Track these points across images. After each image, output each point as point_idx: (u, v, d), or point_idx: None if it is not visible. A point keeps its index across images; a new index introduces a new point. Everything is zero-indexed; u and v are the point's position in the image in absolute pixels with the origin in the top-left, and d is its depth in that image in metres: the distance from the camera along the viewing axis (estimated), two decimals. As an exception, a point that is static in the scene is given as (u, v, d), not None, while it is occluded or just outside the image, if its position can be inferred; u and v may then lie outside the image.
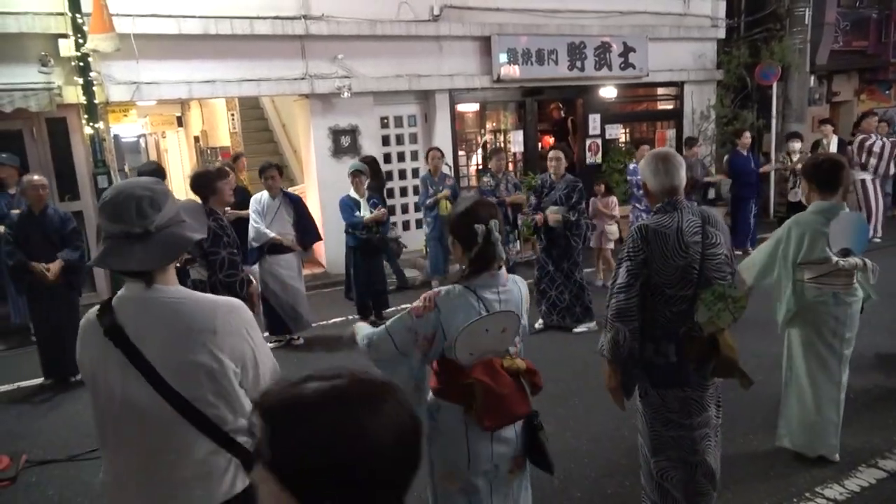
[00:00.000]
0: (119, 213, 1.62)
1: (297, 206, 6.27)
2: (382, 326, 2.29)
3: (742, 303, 2.59)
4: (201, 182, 4.31)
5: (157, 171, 6.01)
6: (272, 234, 6.00)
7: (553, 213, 6.00)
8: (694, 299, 2.61)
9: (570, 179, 6.16)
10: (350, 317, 6.76)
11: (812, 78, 12.58)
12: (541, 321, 6.35)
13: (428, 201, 7.60)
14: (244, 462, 1.71)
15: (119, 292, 1.72)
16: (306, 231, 6.30)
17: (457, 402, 2.22)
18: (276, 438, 0.85)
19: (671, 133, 11.49)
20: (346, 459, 0.83)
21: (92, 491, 3.83)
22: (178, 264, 1.84)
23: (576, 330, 6.22)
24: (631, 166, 8.41)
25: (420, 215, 8.57)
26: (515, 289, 2.32)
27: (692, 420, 2.73)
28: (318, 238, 6.59)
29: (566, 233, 6.07)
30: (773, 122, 11.12)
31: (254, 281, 4.72)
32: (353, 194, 6.56)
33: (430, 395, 2.33)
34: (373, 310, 6.74)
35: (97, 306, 1.72)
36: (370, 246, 6.56)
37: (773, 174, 11.01)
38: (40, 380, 5.53)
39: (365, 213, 6.50)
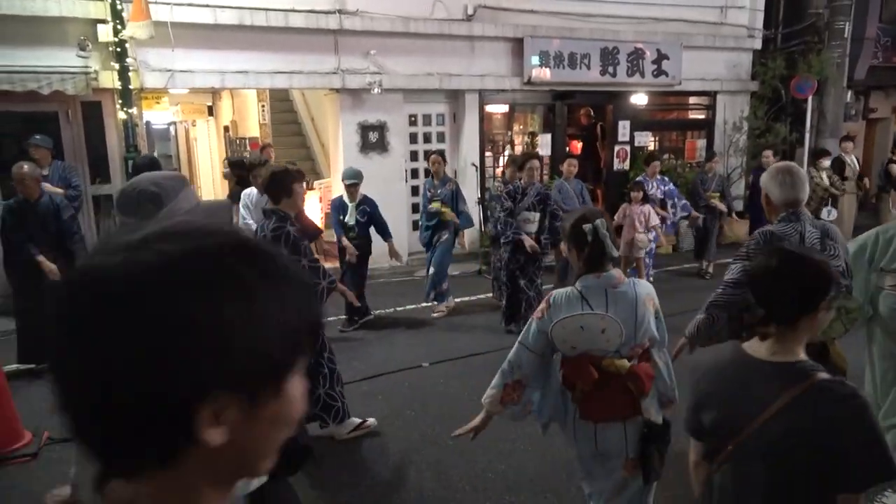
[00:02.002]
0: (127, 206, 1.65)
1: None
2: (516, 342, 2.51)
3: (854, 314, 2.70)
4: (276, 181, 3.85)
5: (153, 164, 5.86)
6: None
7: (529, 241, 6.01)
8: None
9: (539, 187, 6.25)
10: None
11: (849, 93, 12.34)
12: (510, 326, 6.24)
13: (429, 207, 7.18)
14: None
15: None
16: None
17: (567, 388, 2.45)
18: None
19: (701, 143, 11.36)
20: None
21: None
22: None
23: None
24: (640, 178, 8.22)
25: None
26: (630, 291, 2.37)
27: None
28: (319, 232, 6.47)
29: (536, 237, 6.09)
30: (807, 136, 10.92)
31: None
32: (346, 198, 6.47)
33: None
34: (347, 314, 6.48)
35: None
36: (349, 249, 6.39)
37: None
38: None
39: (350, 218, 6.39)
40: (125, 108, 7.23)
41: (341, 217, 6.45)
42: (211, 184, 14.44)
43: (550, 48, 9.46)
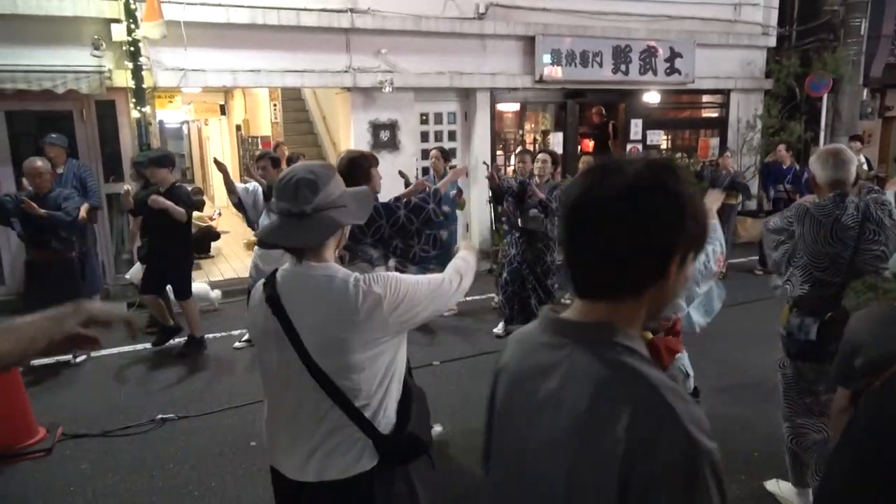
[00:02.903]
0: (286, 192, 1.76)
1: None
2: None
3: (894, 295, 2.74)
4: (356, 165, 3.72)
5: (165, 157, 5.87)
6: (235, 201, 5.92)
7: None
8: (843, 287, 2.91)
9: (552, 185, 6.02)
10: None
11: (865, 91, 12.20)
12: (501, 326, 6.18)
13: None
14: (372, 439, 1.79)
15: (284, 265, 1.87)
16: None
17: None
18: None
19: (715, 142, 11.27)
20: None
21: (123, 467, 3.91)
22: (338, 252, 1.95)
23: None
24: None
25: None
26: None
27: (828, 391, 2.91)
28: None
29: (544, 236, 5.91)
30: (822, 134, 10.81)
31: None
32: None
33: None
34: None
35: (265, 277, 1.88)
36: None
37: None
38: (67, 357, 5.66)
39: None
40: (139, 107, 7.28)
41: None
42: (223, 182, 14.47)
43: (562, 46, 9.42)
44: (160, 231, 5.67)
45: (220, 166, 5.78)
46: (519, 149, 6.16)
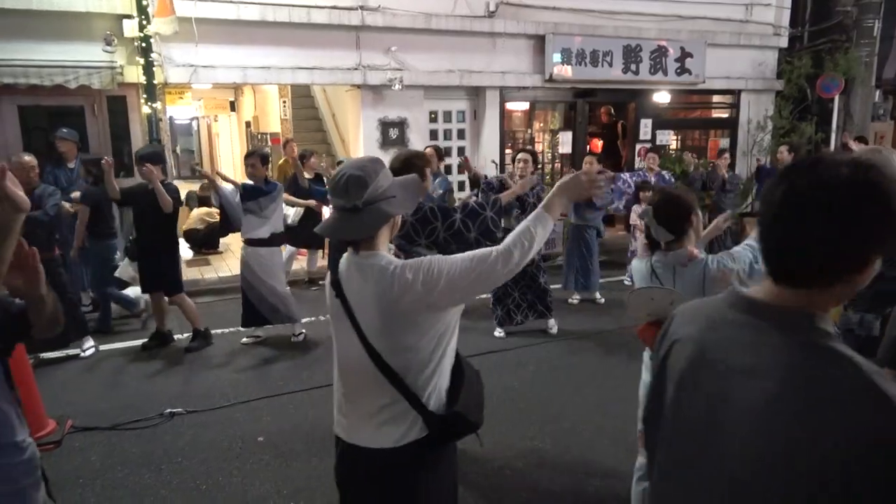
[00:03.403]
0: (337, 190, 1.89)
1: (261, 192, 5.86)
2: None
3: None
4: (410, 165, 3.73)
5: (156, 154, 5.84)
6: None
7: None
8: None
9: (534, 180, 5.97)
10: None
11: (877, 93, 12.12)
12: (499, 330, 6.12)
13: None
14: (422, 415, 1.93)
15: (345, 254, 2.03)
16: (224, 211, 5.95)
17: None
18: None
19: (725, 142, 11.22)
20: None
21: (132, 460, 3.93)
22: (392, 241, 2.12)
23: (551, 331, 6.19)
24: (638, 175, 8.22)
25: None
26: (699, 271, 2.64)
27: None
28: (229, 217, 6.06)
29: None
30: (833, 136, 10.75)
31: None
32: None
33: None
34: None
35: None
36: (337, 243, 6.35)
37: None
38: (76, 350, 5.71)
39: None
40: (149, 103, 7.31)
41: None
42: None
43: (573, 45, 9.39)
44: (149, 226, 5.66)
45: (203, 174, 5.83)
46: (520, 153, 6.07)
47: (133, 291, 6.45)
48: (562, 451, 3.97)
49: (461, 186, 9.45)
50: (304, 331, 6.18)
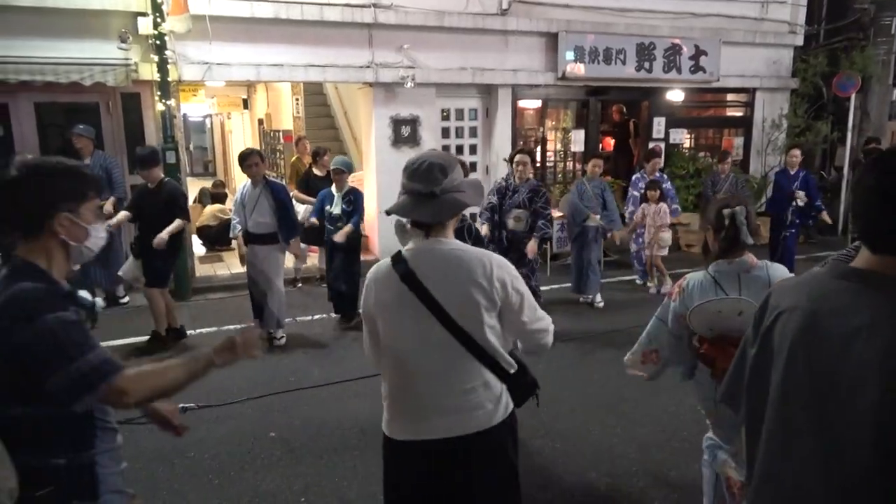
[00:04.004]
0: (418, 175, 1.99)
1: (278, 196, 5.81)
2: (654, 317, 2.74)
3: None
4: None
5: (152, 155, 5.84)
6: (238, 230, 5.86)
7: (516, 219, 5.91)
8: None
9: (533, 184, 6.04)
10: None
11: (894, 91, 11.97)
12: None
13: None
14: (506, 383, 2.08)
15: (407, 246, 2.07)
16: (283, 223, 5.82)
17: (705, 365, 2.54)
18: None
19: (739, 141, 11.13)
20: None
21: (145, 455, 3.96)
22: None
23: None
24: (636, 176, 8.10)
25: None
26: (763, 275, 2.52)
27: None
28: (296, 233, 6.03)
29: (525, 237, 5.90)
30: (849, 135, 10.64)
31: None
32: (333, 188, 6.38)
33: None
34: (341, 308, 6.48)
35: (390, 257, 2.08)
36: (333, 242, 6.26)
37: (844, 187, 10.50)
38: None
39: (336, 208, 6.27)
40: (163, 100, 7.35)
41: (327, 207, 6.30)
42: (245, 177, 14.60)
43: (585, 43, 9.35)
44: (150, 225, 5.67)
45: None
46: (518, 155, 6.02)
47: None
48: (571, 448, 3.97)
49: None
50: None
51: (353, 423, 4.35)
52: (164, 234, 5.55)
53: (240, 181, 14.89)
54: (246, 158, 5.85)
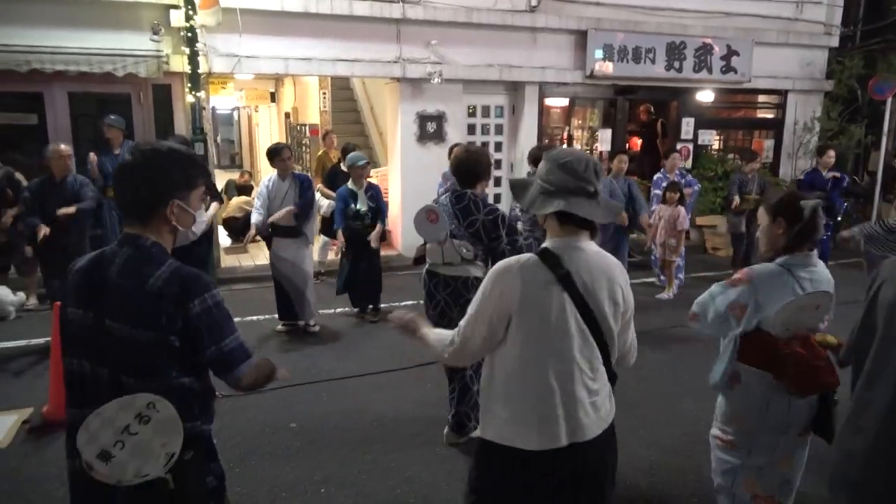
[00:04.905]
0: (586, 173, 1.92)
1: (303, 188, 5.92)
2: (706, 293, 2.57)
3: None
4: (479, 163, 3.86)
5: (185, 144, 5.91)
6: (258, 219, 5.86)
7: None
8: None
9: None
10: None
11: (932, 95, 11.67)
12: None
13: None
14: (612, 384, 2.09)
15: (554, 243, 1.97)
16: (301, 212, 5.90)
17: (766, 370, 2.42)
18: None
19: (769, 143, 10.95)
20: None
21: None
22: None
23: None
24: (658, 176, 7.95)
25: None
26: (823, 269, 2.51)
27: None
28: (309, 221, 6.08)
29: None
30: (884, 139, 10.39)
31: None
32: (353, 185, 6.34)
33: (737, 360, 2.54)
34: (359, 303, 6.59)
35: (537, 254, 1.96)
36: (357, 237, 6.27)
37: (877, 192, 10.26)
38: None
39: (362, 205, 6.23)
40: (193, 92, 7.44)
41: (352, 206, 6.25)
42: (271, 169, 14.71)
43: (615, 41, 9.26)
44: None
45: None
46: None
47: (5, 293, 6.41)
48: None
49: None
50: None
51: (373, 417, 4.37)
52: (211, 212, 5.68)
53: (265, 174, 15.05)
54: (279, 153, 5.95)
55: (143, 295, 1.67)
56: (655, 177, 8.01)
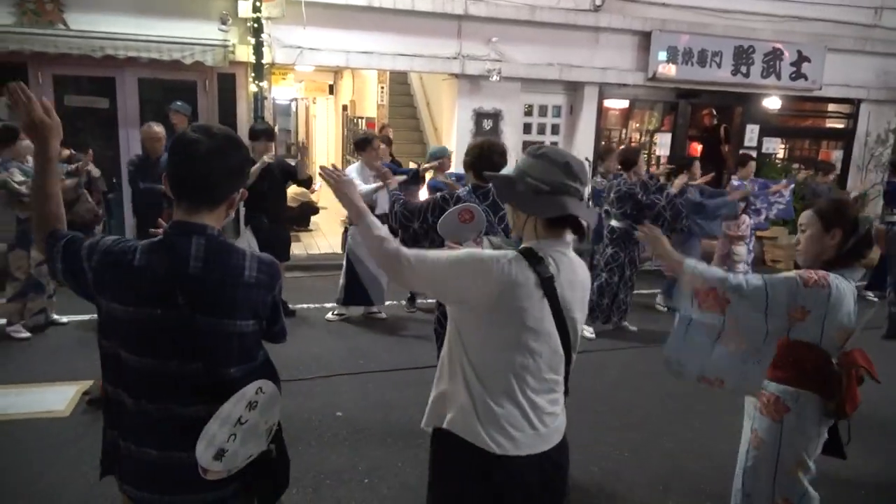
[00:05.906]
0: (581, 175, 1.87)
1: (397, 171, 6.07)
2: (759, 277, 2.32)
3: None
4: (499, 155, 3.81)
5: (268, 131, 6.12)
6: (370, 187, 5.86)
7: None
8: None
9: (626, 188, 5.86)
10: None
11: None
12: (589, 330, 6.06)
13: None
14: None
15: (537, 244, 1.85)
16: (409, 179, 6.08)
17: (815, 391, 2.32)
18: None
19: (837, 154, 10.51)
20: None
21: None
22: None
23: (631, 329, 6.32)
24: (735, 182, 7.62)
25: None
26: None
27: None
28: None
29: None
30: (964, 155, 9.87)
31: None
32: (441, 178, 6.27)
33: (775, 382, 2.42)
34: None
35: (520, 253, 1.86)
36: None
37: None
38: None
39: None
40: (257, 82, 7.60)
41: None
42: (326, 161, 14.91)
43: (679, 43, 9.04)
44: (273, 196, 5.96)
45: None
46: (603, 145, 5.82)
47: None
48: (642, 461, 3.85)
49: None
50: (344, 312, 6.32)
51: (418, 410, 4.32)
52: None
53: (320, 161, 15.25)
54: (370, 142, 6.05)
55: (243, 286, 1.66)
56: (735, 182, 7.73)
